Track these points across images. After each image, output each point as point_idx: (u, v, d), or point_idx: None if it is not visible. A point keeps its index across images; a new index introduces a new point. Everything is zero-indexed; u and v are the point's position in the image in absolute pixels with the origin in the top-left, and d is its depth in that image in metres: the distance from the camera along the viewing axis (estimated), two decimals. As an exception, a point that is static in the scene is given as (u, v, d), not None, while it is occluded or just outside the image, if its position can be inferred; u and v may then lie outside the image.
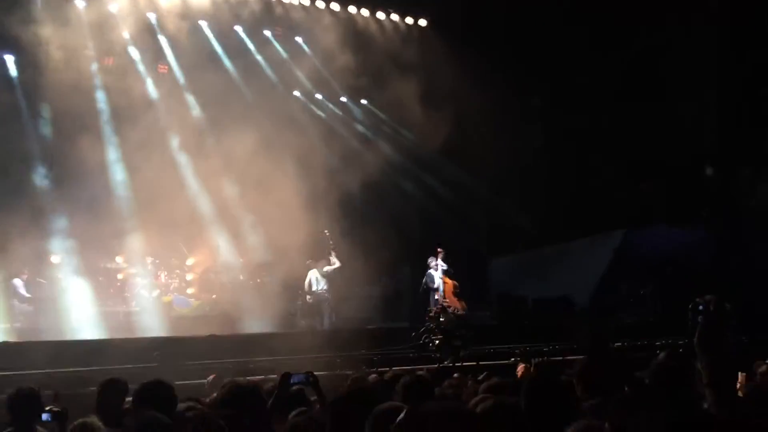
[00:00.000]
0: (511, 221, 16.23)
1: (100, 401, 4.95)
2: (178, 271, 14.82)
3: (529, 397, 3.24)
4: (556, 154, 15.73)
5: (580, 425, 2.73)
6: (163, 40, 15.33)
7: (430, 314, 12.80)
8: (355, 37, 15.89)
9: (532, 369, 6.62)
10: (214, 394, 4.99)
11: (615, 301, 15.09)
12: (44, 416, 4.90)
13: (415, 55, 16.30)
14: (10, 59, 14.50)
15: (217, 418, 3.39)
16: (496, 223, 16.92)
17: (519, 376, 6.36)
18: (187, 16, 15.10)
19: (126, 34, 14.66)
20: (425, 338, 12.23)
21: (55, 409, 4.97)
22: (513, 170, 15.78)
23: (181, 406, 4.20)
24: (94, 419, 4.65)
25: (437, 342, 12.02)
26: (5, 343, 11.39)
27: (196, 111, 15.67)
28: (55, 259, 13.91)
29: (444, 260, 14.35)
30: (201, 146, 15.16)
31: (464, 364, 10.66)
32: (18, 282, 13.38)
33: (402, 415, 2.18)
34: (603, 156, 15.36)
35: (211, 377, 6.93)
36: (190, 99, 15.63)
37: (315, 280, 14.55)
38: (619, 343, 11.48)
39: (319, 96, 17.42)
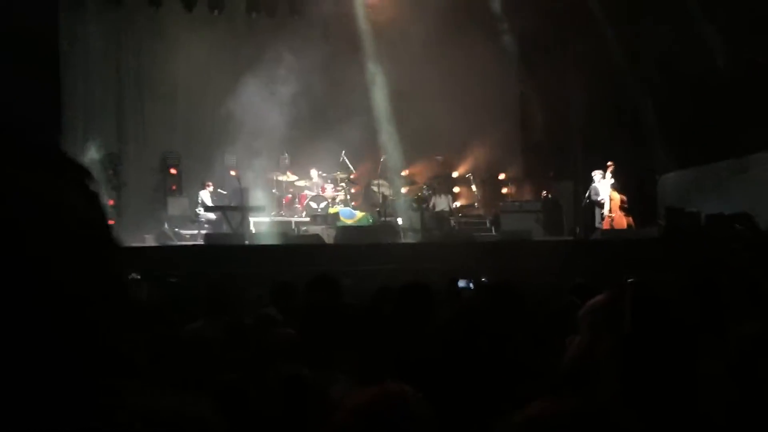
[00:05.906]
0: (681, 134, 15.08)
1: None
2: (342, 184, 15.48)
3: None
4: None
5: None
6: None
7: None
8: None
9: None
10: None
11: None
12: None
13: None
14: None
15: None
16: (664, 136, 15.75)
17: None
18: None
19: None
20: None
21: None
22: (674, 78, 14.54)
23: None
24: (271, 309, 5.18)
25: None
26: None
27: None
28: (233, 172, 15.07)
29: (613, 175, 13.98)
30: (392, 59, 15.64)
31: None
32: (204, 193, 14.65)
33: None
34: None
35: None
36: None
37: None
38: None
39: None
